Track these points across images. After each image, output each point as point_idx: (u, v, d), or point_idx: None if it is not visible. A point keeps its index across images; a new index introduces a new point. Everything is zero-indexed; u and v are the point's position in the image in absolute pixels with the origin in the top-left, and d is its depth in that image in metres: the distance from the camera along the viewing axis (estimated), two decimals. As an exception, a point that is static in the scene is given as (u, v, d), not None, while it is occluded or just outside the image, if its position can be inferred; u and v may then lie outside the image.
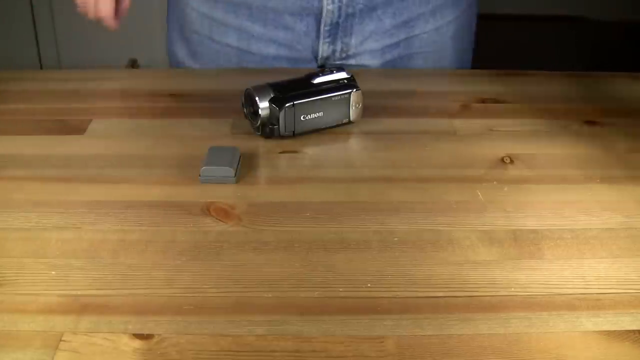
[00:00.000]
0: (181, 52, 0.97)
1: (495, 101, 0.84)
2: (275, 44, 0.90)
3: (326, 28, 0.88)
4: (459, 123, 0.79)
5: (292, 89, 0.74)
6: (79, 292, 0.53)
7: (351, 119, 0.77)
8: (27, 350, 0.48)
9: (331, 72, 0.76)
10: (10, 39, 2.19)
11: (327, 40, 0.89)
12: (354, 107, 0.76)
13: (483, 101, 0.85)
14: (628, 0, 2.60)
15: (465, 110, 0.83)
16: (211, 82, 0.89)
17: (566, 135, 0.77)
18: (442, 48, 0.95)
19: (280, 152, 0.73)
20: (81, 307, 0.52)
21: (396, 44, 0.92)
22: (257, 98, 0.73)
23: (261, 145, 0.74)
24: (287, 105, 0.73)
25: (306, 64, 0.92)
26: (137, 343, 0.49)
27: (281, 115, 0.72)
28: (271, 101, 0.73)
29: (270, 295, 0.53)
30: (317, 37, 0.89)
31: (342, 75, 0.76)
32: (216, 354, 0.48)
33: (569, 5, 2.80)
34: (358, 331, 0.50)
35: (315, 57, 0.91)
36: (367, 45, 0.91)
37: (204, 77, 0.91)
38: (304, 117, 0.74)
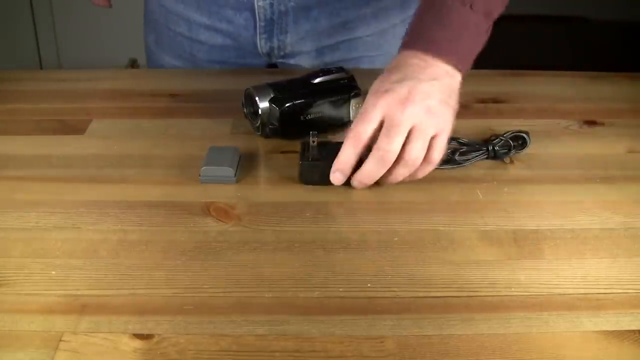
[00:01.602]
0: (149, 38, 1.00)
1: (495, 101, 0.84)
2: (221, 34, 0.92)
3: (261, 24, 0.89)
4: (459, 123, 0.79)
5: (292, 89, 0.74)
6: (79, 292, 0.53)
7: (351, 119, 0.77)
8: (27, 350, 0.48)
9: (331, 72, 0.76)
10: (10, 39, 2.19)
11: (264, 36, 0.89)
12: (353, 107, 0.76)
13: (483, 101, 0.85)
14: (628, 0, 2.60)
15: (465, 110, 0.82)
16: (211, 82, 0.89)
17: (566, 135, 0.77)
18: (388, 52, 0.92)
19: (280, 152, 0.73)
20: (81, 307, 0.52)
21: (335, 46, 0.91)
22: (257, 98, 0.73)
23: (261, 145, 0.74)
24: (287, 105, 0.73)
25: (252, 58, 0.93)
26: (137, 343, 0.49)
27: (281, 115, 0.72)
28: (271, 101, 0.73)
29: (270, 295, 0.53)
30: (255, 32, 0.90)
31: (342, 75, 0.76)
32: (216, 354, 0.48)
33: (569, 5, 2.80)
34: (358, 331, 0.50)
35: (258, 52, 0.92)
36: (304, 45, 0.91)
37: (204, 77, 0.91)
38: (304, 117, 0.74)
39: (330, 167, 0.66)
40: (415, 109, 0.62)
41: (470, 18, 0.67)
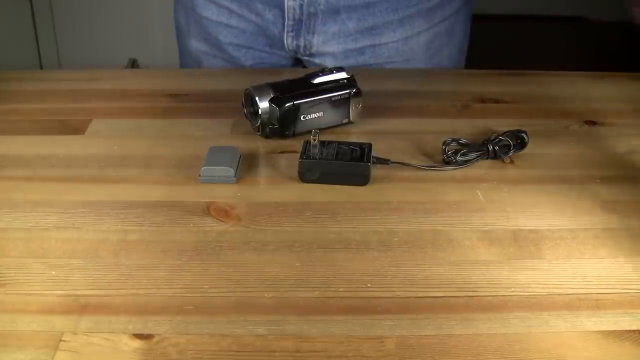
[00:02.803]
0: (181, 21, 1.00)
1: (495, 101, 0.84)
2: (251, 23, 0.93)
3: (290, 22, 0.90)
4: (459, 123, 0.79)
5: (292, 89, 0.74)
6: (79, 292, 0.53)
7: (351, 119, 0.77)
8: (27, 350, 0.48)
9: (331, 72, 0.76)
10: (10, 39, 2.19)
11: (291, 34, 0.91)
12: (354, 107, 0.76)
13: (483, 101, 0.85)
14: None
15: (465, 110, 0.83)
16: (211, 82, 0.89)
17: (566, 135, 0.77)
18: (412, 59, 0.94)
19: (280, 152, 0.73)
20: (81, 307, 0.52)
21: (360, 50, 0.92)
22: (257, 98, 0.73)
23: (261, 145, 0.74)
24: (287, 105, 0.73)
25: (279, 49, 0.94)
26: (137, 343, 0.49)
27: (281, 115, 0.72)
28: (271, 101, 0.73)
29: (270, 295, 0.53)
30: (283, 29, 0.90)
31: (342, 75, 0.76)
32: (216, 354, 0.48)
33: (569, 5, 2.80)
34: (358, 331, 0.50)
35: (285, 47, 0.93)
36: (330, 47, 0.92)
37: (204, 77, 0.91)
38: (304, 117, 0.74)
39: (330, 166, 0.67)
40: None
41: None
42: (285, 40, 0.91)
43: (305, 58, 0.94)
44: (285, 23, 0.90)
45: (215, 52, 0.96)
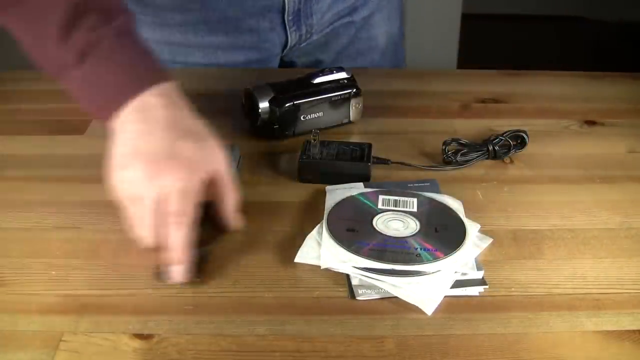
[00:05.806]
0: None
1: (495, 101, 0.84)
2: (242, 49, 0.90)
3: (290, 18, 0.89)
4: (459, 123, 0.79)
5: (292, 89, 0.74)
6: (79, 292, 0.53)
7: (351, 119, 0.77)
8: (27, 350, 0.48)
9: (331, 72, 0.76)
10: (10, 39, 2.19)
11: (293, 28, 0.90)
12: (354, 107, 0.76)
13: (483, 101, 0.85)
14: (628, 0, 2.60)
15: (465, 110, 0.83)
16: (211, 82, 0.89)
17: (566, 135, 0.77)
18: (386, 6, 0.97)
19: (280, 152, 0.73)
20: (81, 307, 0.52)
21: (351, 7, 0.93)
22: (257, 98, 0.73)
23: (261, 145, 0.74)
24: (287, 105, 0.73)
25: (274, 58, 0.93)
26: (137, 343, 0.49)
27: (281, 115, 0.72)
28: (271, 101, 0.73)
29: (270, 295, 0.53)
30: (283, 29, 0.90)
31: (342, 75, 0.76)
32: (216, 354, 0.48)
33: (569, 5, 2.80)
34: (358, 331, 0.50)
35: (283, 49, 0.92)
36: (327, 18, 0.92)
37: (204, 77, 0.91)
38: (304, 117, 0.74)
39: (330, 166, 0.67)
40: None
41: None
42: (289, 38, 0.91)
43: (304, 45, 0.93)
44: (286, 20, 0.89)
45: None
